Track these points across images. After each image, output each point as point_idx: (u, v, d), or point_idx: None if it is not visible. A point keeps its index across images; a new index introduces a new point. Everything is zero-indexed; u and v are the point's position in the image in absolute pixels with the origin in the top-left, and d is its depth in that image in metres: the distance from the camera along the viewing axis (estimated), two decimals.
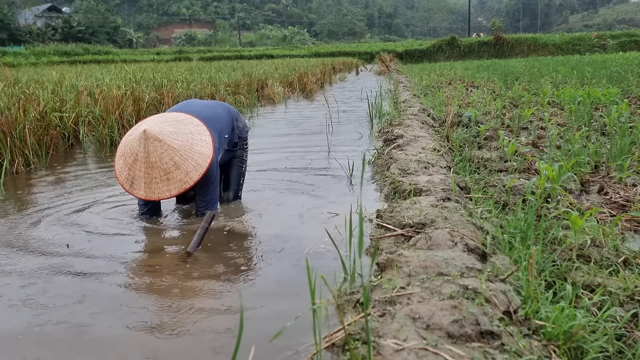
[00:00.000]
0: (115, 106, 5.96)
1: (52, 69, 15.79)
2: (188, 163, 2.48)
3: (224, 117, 2.97)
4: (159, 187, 2.45)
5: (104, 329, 1.68)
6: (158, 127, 2.50)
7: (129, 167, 2.48)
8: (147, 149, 2.42)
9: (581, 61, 16.72)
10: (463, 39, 38.05)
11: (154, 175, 2.44)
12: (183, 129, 2.57)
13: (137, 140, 2.46)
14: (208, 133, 2.63)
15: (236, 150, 3.12)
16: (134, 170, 2.47)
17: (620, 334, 1.48)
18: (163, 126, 2.52)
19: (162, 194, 2.46)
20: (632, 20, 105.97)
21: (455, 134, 4.72)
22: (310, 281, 1.37)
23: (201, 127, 2.65)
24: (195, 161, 2.50)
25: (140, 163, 2.44)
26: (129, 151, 2.48)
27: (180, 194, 2.52)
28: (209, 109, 2.94)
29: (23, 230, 2.72)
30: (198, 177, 2.49)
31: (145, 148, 2.43)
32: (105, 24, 68.93)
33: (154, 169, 2.43)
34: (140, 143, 2.44)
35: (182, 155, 2.47)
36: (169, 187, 2.46)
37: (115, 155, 2.59)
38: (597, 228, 2.19)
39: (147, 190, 2.46)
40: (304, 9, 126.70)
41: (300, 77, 12.49)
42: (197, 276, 2.06)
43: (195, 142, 2.55)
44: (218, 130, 2.84)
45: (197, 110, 2.83)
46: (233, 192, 3.15)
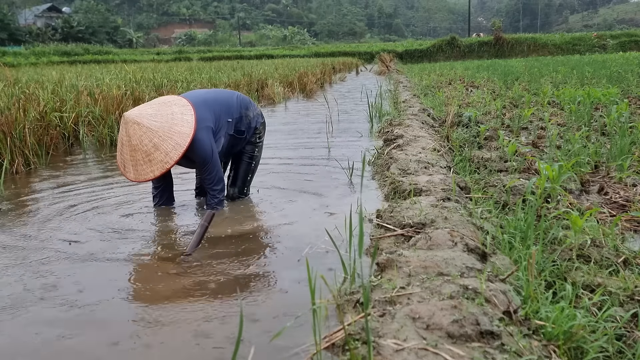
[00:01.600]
0: (115, 106, 5.96)
1: (52, 69, 15.79)
2: (167, 143, 2.56)
3: (227, 101, 3.00)
4: (143, 169, 2.56)
5: (94, 330, 1.68)
6: (137, 110, 2.63)
7: (120, 152, 2.63)
8: (128, 132, 2.55)
9: (581, 61, 16.72)
10: (463, 39, 38.04)
11: (137, 158, 2.55)
12: (164, 110, 2.65)
13: (121, 128, 2.60)
14: (192, 112, 2.67)
15: (245, 142, 3.10)
16: (123, 154, 2.61)
17: (620, 334, 1.48)
18: (143, 109, 2.64)
19: (146, 175, 2.57)
20: (632, 20, 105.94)
21: (455, 134, 4.72)
22: (310, 281, 1.37)
23: (186, 107, 2.70)
24: (174, 141, 2.57)
25: (125, 147, 2.58)
26: (119, 137, 2.65)
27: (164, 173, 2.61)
28: (211, 93, 3.04)
29: (23, 230, 2.72)
30: (178, 157, 2.56)
31: (126, 132, 2.55)
32: (105, 24, 68.89)
33: (136, 152, 2.55)
34: (123, 127, 2.59)
35: (160, 136, 2.55)
36: (152, 169, 2.56)
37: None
38: (597, 228, 2.19)
39: (135, 172, 2.58)
40: (304, 9, 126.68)
41: (300, 77, 12.48)
42: (196, 276, 2.06)
43: (175, 122, 2.61)
44: (216, 112, 2.86)
45: (197, 93, 2.93)
46: (238, 188, 3.16)
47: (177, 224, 2.79)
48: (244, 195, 3.18)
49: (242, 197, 3.17)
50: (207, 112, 2.79)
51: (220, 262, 2.19)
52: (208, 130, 2.77)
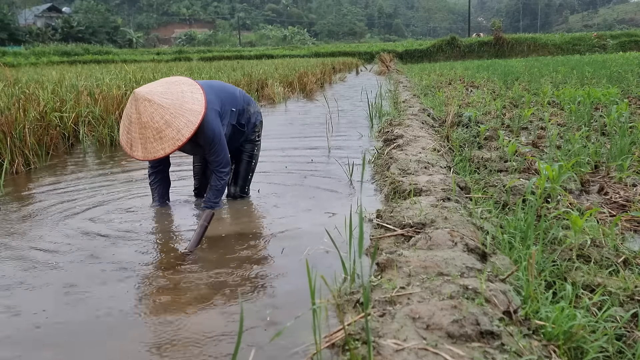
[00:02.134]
0: (115, 106, 5.96)
1: (52, 69, 15.79)
2: (179, 120, 2.53)
3: (232, 92, 3.02)
4: (154, 147, 2.52)
5: (95, 334, 1.68)
6: (147, 88, 2.61)
7: (127, 130, 2.58)
8: (138, 109, 2.51)
9: (581, 61, 16.72)
10: (463, 39, 38.03)
11: (148, 135, 2.51)
12: (174, 88, 2.65)
13: (129, 103, 2.56)
14: (201, 92, 2.68)
15: (244, 138, 3.09)
16: (131, 133, 2.56)
17: (620, 334, 1.48)
18: (153, 87, 2.62)
19: (157, 152, 2.53)
20: (632, 20, 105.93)
21: (455, 134, 4.72)
22: (310, 281, 1.37)
23: (194, 86, 2.70)
24: (186, 118, 2.55)
25: (134, 125, 2.53)
26: (125, 115, 2.59)
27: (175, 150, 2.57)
28: (217, 82, 3.06)
29: (23, 230, 2.72)
30: (190, 134, 2.54)
31: (136, 109, 2.52)
32: (105, 24, 68.87)
33: (146, 129, 2.51)
34: (132, 105, 2.54)
35: (172, 113, 2.53)
36: (162, 146, 2.52)
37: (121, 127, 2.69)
38: (597, 228, 2.19)
39: (144, 150, 2.54)
40: (304, 9, 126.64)
41: (300, 77, 12.48)
42: (196, 277, 2.06)
43: (186, 100, 2.60)
44: (222, 100, 2.87)
45: (203, 81, 2.92)
46: (239, 187, 3.15)
47: (178, 223, 2.79)
48: (245, 194, 3.18)
49: (244, 196, 3.17)
50: (214, 97, 2.80)
51: (220, 262, 2.19)
52: (215, 113, 2.77)
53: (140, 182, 3.76)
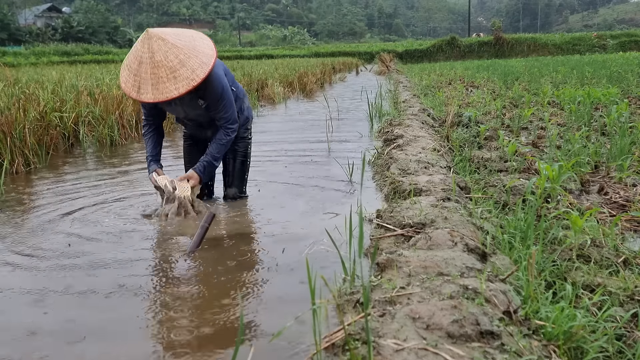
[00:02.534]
0: (115, 106, 5.95)
1: (52, 69, 15.79)
2: (193, 61, 2.49)
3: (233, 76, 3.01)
4: (166, 87, 2.44)
5: (97, 337, 1.68)
6: (160, 29, 2.55)
7: (134, 73, 2.48)
8: (152, 48, 2.44)
9: (581, 61, 16.72)
10: (463, 39, 38.05)
11: (161, 75, 2.44)
12: (185, 33, 2.62)
13: (140, 43, 2.48)
14: (210, 40, 2.67)
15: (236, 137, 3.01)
16: (139, 75, 2.46)
17: (620, 334, 1.48)
18: (165, 29, 2.57)
19: (169, 92, 2.44)
20: (632, 20, 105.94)
21: (455, 134, 4.72)
22: (310, 281, 1.37)
23: (204, 36, 2.69)
24: (199, 59, 2.51)
25: (145, 65, 2.44)
26: (133, 57, 2.49)
27: (188, 92, 2.49)
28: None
29: (23, 230, 2.72)
30: (204, 75, 2.48)
31: (149, 48, 2.44)
32: (105, 24, 68.87)
33: (159, 68, 2.44)
34: (144, 44, 2.46)
35: (186, 53, 2.49)
36: (176, 86, 2.45)
37: (120, 80, 2.59)
38: (597, 228, 2.19)
39: (154, 92, 2.45)
40: (304, 9, 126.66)
41: (300, 77, 12.49)
42: (196, 277, 2.06)
43: (197, 43, 2.57)
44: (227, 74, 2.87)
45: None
46: (237, 188, 3.13)
47: (178, 223, 2.79)
48: (243, 194, 3.17)
49: (243, 196, 3.16)
50: (221, 65, 2.80)
51: (219, 262, 2.19)
52: (222, 72, 2.77)
53: (140, 182, 3.77)
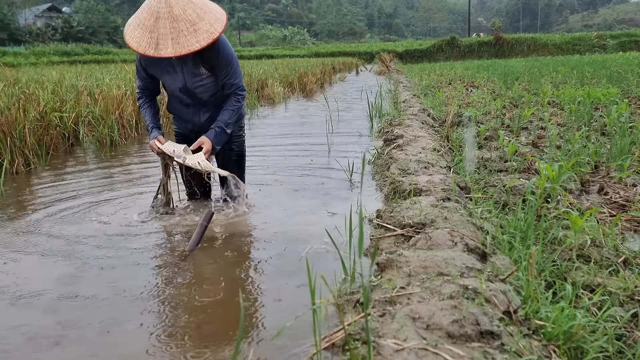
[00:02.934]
0: (115, 106, 5.96)
1: (52, 69, 15.79)
2: (209, 15, 2.49)
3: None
4: (188, 40, 2.41)
5: (93, 334, 1.68)
6: None
7: (149, 30, 2.41)
8: (169, 2, 2.41)
9: (581, 61, 16.72)
10: (463, 39, 38.04)
11: (181, 28, 2.41)
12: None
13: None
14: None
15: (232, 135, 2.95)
16: (157, 30, 2.40)
17: (620, 334, 1.48)
18: None
19: (191, 46, 2.40)
20: (632, 20, 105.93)
21: (455, 134, 4.72)
22: (311, 281, 1.37)
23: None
24: (214, 15, 2.51)
25: (163, 20, 2.40)
26: (147, 14, 2.43)
27: (208, 45, 2.45)
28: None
29: (23, 230, 2.72)
30: (221, 29, 2.48)
31: (167, 2, 2.41)
32: (105, 24, 68.89)
33: (179, 22, 2.40)
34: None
35: (201, 8, 2.48)
36: (197, 39, 2.42)
37: (124, 35, 2.49)
38: (597, 228, 2.19)
39: (175, 46, 2.39)
40: (304, 9, 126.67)
41: (300, 77, 12.49)
42: (195, 276, 2.06)
43: (208, 2, 2.57)
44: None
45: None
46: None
47: (178, 223, 2.79)
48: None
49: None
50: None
51: (219, 262, 2.19)
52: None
53: (140, 181, 3.77)
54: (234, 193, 2.78)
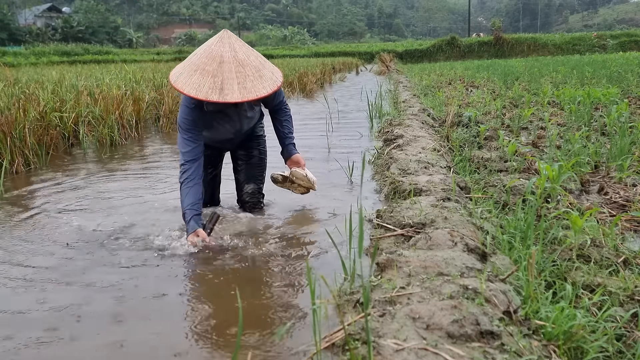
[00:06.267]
0: (115, 106, 5.95)
1: (52, 69, 15.78)
2: (268, 64, 2.45)
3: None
4: (254, 85, 2.30)
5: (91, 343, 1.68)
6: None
7: (212, 75, 2.26)
8: (234, 47, 2.32)
9: (581, 61, 16.71)
10: (463, 39, 38.04)
11: (247, 73, 2.31)
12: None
13: (218, 43, 2.33)
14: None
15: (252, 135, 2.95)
16: (221, 74, 2.26)
17: (620, 334, 1.48)
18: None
19: (259, 91, 2.30)
20: (632, 20, 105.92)
21: (455, 134, 4.72)
22: (311, 281, 1.36)
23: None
24: (271, 65, 2.48)
25: (228, 64, 2.28)
26: (207, 59, 2.29)
27: (269, 95, 2.36)
28: None
29: (22, 230, 2.72)
30: (281, 78, 2.44)
31: (231, 46, 2.32)
32: (105, 24, 68.92)
33: (245, 67, 2.31)
34: (224, 43, 2.33)
35: (261, 57, 2.45)
36: (263, 85, 2.33)
37: (176, 84, 2.30)
38: (597, 228, 2.19)
39: (242, 90, 2.26)
40: (304, 9, 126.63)
41: (300, 77, 12.48)
42: (196, 275, 2.06)
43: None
44: None
45: None
46: (255, 184, 2.93)
47: (180, 225, 2.79)
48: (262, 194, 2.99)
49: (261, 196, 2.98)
50: None
51: (218, 262, 2.19)
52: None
53: (140, 180, 3.77)
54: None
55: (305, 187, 2.93)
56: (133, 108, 6.27)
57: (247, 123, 2.76)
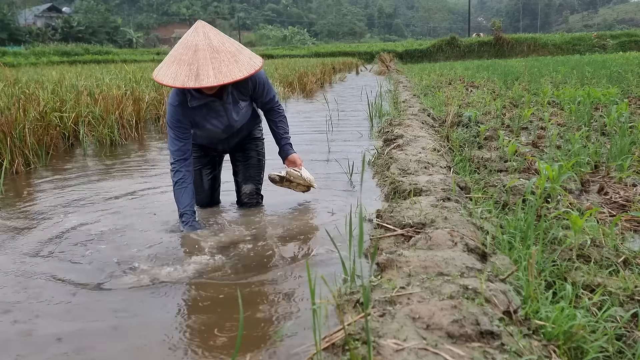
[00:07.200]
0: (115, 106, 5.95)
1: (52, 69, 15.78)
2: (246, 51, 2.47)
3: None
4: (230, 69, 2.33)
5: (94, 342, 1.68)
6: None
7: (188, 63, 2.31)
8: (208, 35, 2.37)
9: (581, 61, 16.71)
10: (463, 39, 38.05)
11: (222, 59, 2.34)
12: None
13: (193, 33, 2.39)
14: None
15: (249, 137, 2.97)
16: (196, 62, 2.31)
17: (620, 334, 1.48)
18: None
19: (234, 75, 2.33)
20: (632, 20, 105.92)
21: (455, 134, 4.72)
22: (310, 281, 1.36)
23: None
24: (250, 52, 2.49)
25: (203, 51, 2.32)
26: (183, 49, 2.35)
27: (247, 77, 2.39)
28: None
29: (22, 230, 2.72)
30: (260, 64, 2.45)
31: (205, 34, 2.37)
32: (105, 24, 68.92)
33: (220, 53, 2.35)
34: (199, 32, 2.38)
35: (239, 45, 2.47)
36: (239, 68, 2.36)
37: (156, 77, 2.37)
38: (597, 228, 2.19)
39: (217, 74, 2.30)
40: (304, 9, 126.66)
41: (300, 77, 12.48)
42: (194, 274, 2.06)
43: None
44: None
45: None
46: (254, 184, 2.95)
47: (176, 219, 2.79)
48: (260, 195, 3.00)
49: (260, 197, 2.99)
50: None
51: (217, 261, 2.19)
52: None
53: (140, 181, 3.77)
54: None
55: (305, 185, 2.93)
56: (133, 108, 6.27)
57: (235, 118, 2.70)
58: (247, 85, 2.65)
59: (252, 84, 2.66)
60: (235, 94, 2.62)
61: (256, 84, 2.67)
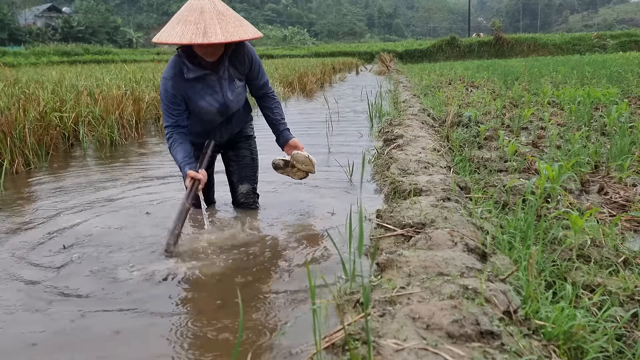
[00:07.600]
0: (115, 106, 5.96)
1: (52, 69, 15.78)
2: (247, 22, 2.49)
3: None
4: (237, 30, 2.36)
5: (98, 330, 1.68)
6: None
7: (194, 23, 2.31)
8: (213, 0, 2.39)
9: (581, 61, 16.71)
10: (463, 39, 38.06)
11: (228, 20, 2.37)
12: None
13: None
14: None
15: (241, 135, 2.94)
16: (203, 21, 2.31)
17: (620, 334, 1.48)
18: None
19: (241, 34, 2.36)
20: (632, 20, 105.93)
21: (455, 134, 4.72)
22: (310, 281, 1.36)
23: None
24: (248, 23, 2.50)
25: (208, 13, 2.33)
26: (188, 11, 2.35)
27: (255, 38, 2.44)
28: None
29: (22, 230, 2.72)
30: (260, 33, 2.48)
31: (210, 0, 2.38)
32: (105, 24, 68.91)
33: (225, 16, 2.38)
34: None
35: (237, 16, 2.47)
36: (245, 30, 2.40)
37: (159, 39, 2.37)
38: (597, 228, 2.19)
39: (224, 32, 2.31)
40: (304, 9, 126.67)
41: (300, 77, 12.49)
42: (195, 275, 2.06)
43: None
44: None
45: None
46: (250, 184, 2.91)
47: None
48: (257, 195, 2.96)
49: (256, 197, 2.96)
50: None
51: (217, 262, 2.19)
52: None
53: (140, 181, 3.76)
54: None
55: (304, 170, 2.81)
56: (133, 108, 6.27)
57: (230, 97, 2.65)
58: (243, 62, 2.62)
59: (249, 61, 2.64)
60: (231, 70, 2.60)
61: (252, 62, 2.67)
